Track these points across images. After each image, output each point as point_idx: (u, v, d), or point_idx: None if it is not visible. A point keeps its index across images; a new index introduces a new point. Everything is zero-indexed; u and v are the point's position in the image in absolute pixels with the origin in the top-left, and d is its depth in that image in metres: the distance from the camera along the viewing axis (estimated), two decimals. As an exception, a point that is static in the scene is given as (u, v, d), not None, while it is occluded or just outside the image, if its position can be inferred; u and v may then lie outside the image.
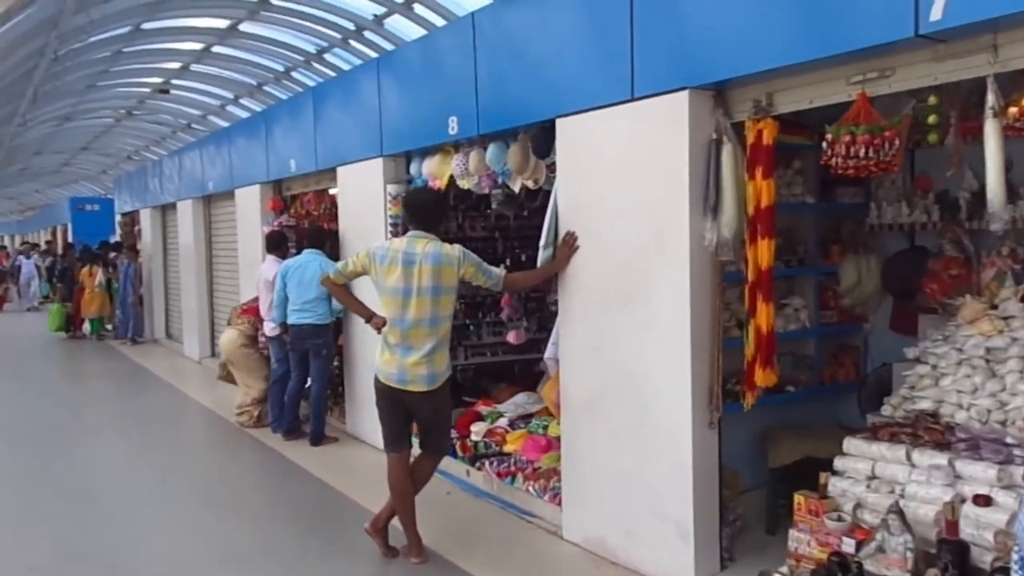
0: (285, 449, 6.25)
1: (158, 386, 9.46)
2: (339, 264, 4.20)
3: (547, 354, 4.38)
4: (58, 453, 6.35)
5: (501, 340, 6.65)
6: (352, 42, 14.04)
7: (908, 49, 2.77)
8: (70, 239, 20.66)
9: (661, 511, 3.64)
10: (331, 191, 7.76)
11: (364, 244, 6.19)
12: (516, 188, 4.78)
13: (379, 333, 3.99)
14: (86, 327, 13.93)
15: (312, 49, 15.07)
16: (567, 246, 4.08)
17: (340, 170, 6.52)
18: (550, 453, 5.03)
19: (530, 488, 4.60)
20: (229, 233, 9.87)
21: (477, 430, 5.58)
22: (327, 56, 15.12)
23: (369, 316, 4.09)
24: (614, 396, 3.87)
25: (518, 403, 5.91)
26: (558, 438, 5.23)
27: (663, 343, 3.58)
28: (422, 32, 12.35)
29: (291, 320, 6.29)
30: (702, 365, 3.51)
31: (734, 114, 3.47)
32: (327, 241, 6.55)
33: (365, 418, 6.38)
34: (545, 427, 5.38)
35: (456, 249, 3.94)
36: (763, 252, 3.34)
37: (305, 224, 7.84)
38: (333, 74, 14.74)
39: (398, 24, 13.06)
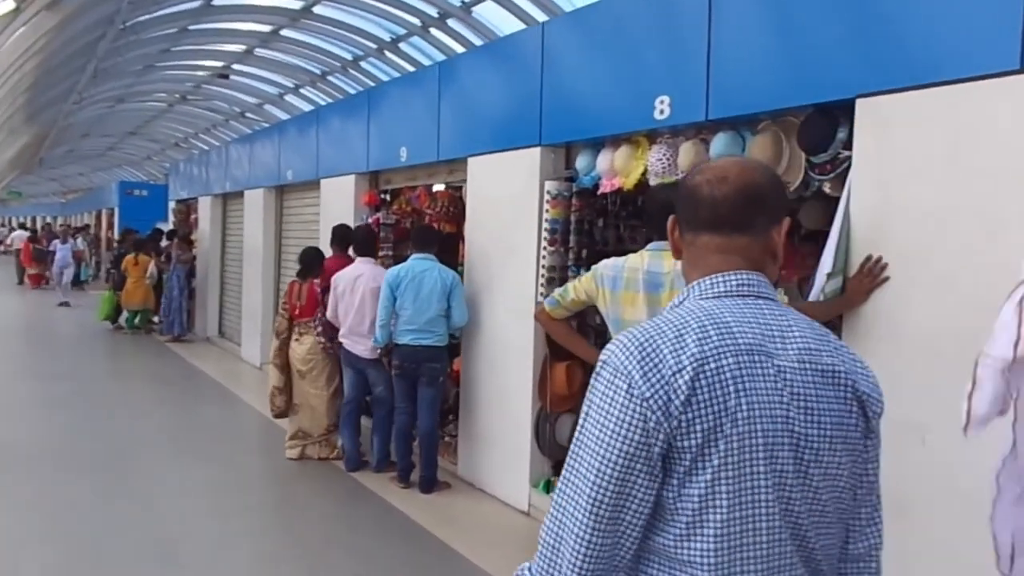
0: (392, 496, 5.11)
1: (219, 395, 8.38)
2: (555, 293, 3.06)
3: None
4: (126, 489, 5.16)
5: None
6: (433, 31, 13.04)
7: None
8: (115, 224, 19.90)
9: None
10: (435, 187, 6.69)
11: (504, 252, 5.05)
12: (751, 193, 3.62)
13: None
14: (123, 319, 12.94)
15: (387, 37, 14.09)
16: (869, 275, 2.91)
17: (472, 161, 5.40)
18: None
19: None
20: (303, 227, 8.83)
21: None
22: (402, 45, 14.13)
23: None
24: (938, 500, 2.69)
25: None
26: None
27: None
28: (517, 24, 11.18)
29: (403, 340, 5.13)
30: None
31: None
32: (436, 244, 5.37)
33: (485, 462, 5.26)
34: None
35: None
36: None
37: (408, 224, 6.75)
38: (409, 67, 13.72)
39: (488, 12, 11.99)
